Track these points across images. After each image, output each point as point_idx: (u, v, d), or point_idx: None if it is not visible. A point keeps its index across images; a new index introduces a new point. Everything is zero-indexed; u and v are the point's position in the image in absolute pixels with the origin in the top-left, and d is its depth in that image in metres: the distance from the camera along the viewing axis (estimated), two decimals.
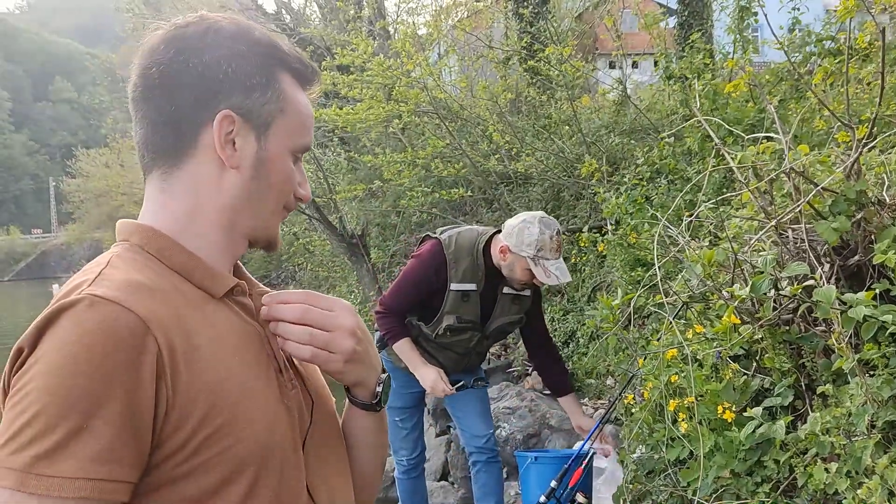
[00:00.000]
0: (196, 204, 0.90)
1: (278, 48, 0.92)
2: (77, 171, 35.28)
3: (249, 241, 0.96)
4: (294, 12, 12.00)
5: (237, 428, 0.81)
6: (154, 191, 0.91)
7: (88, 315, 0.74)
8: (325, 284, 11.18)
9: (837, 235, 2.19)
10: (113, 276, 0.80)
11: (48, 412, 0.71)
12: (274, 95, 0.90)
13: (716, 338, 2.47)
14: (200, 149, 0.89)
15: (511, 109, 8.00)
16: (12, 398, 0.74)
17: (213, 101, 0.87)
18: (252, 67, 0.89)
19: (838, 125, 2.56)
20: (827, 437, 2.04)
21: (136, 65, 0.89)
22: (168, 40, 0.88)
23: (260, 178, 0.91)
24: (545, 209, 6.90)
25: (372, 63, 6.60)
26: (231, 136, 0.88)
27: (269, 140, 0.91)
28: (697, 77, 4.34)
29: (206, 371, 0.81)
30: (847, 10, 2.66)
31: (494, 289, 2.91)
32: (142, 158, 0.92)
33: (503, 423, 4.51)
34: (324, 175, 8.39)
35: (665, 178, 4.65)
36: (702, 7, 8.23)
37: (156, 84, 0.87)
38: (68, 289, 0.80)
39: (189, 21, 0.89)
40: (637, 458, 3.02)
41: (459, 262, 2.82)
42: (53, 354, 0.73)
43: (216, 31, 0.88)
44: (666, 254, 3.09)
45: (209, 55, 0.87)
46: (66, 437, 0.70)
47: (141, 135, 0.90)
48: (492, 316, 2.95)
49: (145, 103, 0.89)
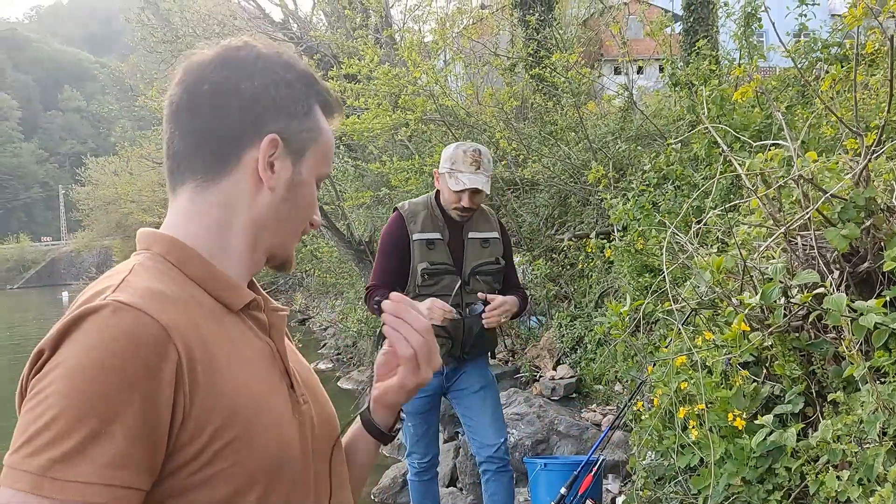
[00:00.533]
0: (227, 219, 0.92)
1: (316, 80, 0.97)
2: (86, 179, 35.44)
3: (267, 258, 0.98)
4: (301, 21, 12.06)
5: (251, 441, 0.82)
6: (184, 202, 0.92)
7: (112, 320, 0.75)
8: (333, 291, 11.20)
9: (847, 242, 2.19)
10: (136, 284, 0.81)
11: (67, 416, 0.71)
12: (311, 125, 0.95)
13: (725, 345, 2.47)
14: (241, 167, 0.91)
15: (517, 116, 8.01)
16: (30, 400, 0.74)
17: (261, 123, 0.90)
18: (296, 96, 0.93)
19: (846, 132, 2.56)
20: (838, 445, 2.04)
21: (183, 79, 0.91)
22: (220, 60, 0.91)
23: (290, 201, 0.94)
24: (552, 215, 6.90)
25: (378, 72, 6.62)
26: (272, 158, 0.91)
27: (303, 166, 0.95)
28: (704, 83, 4.35)
29: (223, 383, 0.81)
30: (855, 18, 2.66)
31: (460, 235, 3.05)
32: (175, 168, 0.93)
33: (512, 430, 4.51)
34: (331, 182, 8.42)
35: (672, 184, 4.66)
36: (707, 13, 8.24)
37: (206, 100, 0.89)
38: (91, 293, 0.80)
39: (239, 45, 0.93)
40: (647, 465, 3.01)
41: (416, 216, 3.02)
42: (75, 358, 0.73)
43: (266, 59, 0.92)
44: (674, 260, 3.10)
45: (259, 80, 0.90)
46: (83, 442, 0.70)
47: (178, 147, 0.91)
48: (464, 260, 3.03)
49: (191, 117, 0.90)
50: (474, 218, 3.06)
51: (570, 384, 5.24)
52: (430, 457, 3.24)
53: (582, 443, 4.41)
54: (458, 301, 2.98)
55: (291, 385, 0.94)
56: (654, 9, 12.35)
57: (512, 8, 9.59)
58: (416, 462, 3.23)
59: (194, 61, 0.92)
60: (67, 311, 0.80)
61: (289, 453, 0.87)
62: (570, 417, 4.71)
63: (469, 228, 3.04)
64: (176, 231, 0.91)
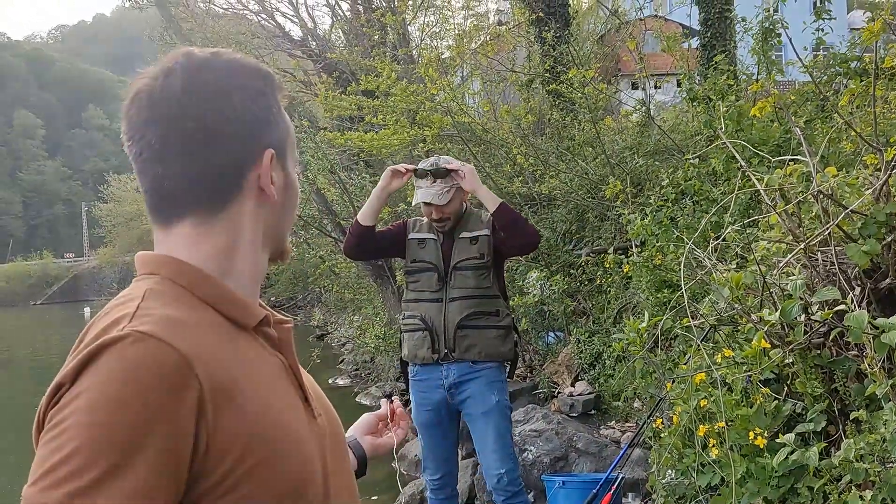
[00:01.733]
0: (234, 241, 0.90)
1: (269, 71, 0.94)
2: (108, 196, 36.00)
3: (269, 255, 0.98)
4: (319, 39, 12.21)
5: (275, 463, 0.81)
6: (185, 231, 0.89)
7: (132, 352, 0.74)
8: (351, 307, 11.23)
9: (868, 258, 2.17)
10: (152, 311, 0.79)
11: (87, 448, 0.69)
12: (282, 122, 0.94)
13: (745, 362, 2.45)
14: (243, 190, 0.89)
15: (534, 132, 8.03)
16: (49, 432, 0.72)
17: (254, 143, 0.89)
18: (269, 101, 0.91)
19: (866, 147, 2.54)
20: (861, 464, 2.01)
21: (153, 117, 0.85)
22: (190, 88, 0.85)
23: (287, 203, 0.95)
24: (570, 230, 6.89)
25: (395, 89, 6.68)
26: (272, 171, 0.91)
27: (288, 165, 0.94)
28: (721, 98, 4.34)
29: (246, 406, 0.80)
30: (873, 33, 2.65)
31: (452, 237, 3.19)
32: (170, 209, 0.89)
33: (530, 447, 4.48)
34: (349, 198, 8.47)
35: (690, 199, 4.63)
36: (725, 28, 8.21)
37: (195, 136, 0.85)
38: (107, 323, 0.79)
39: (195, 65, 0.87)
40: (667, 484, 2.98)
41: (418, 223, 3.29)
42: (95, 390, 0.72)
43: (230, 71, 0.89)
44: (692, 276, 3.08)
45: (238, 99, 0.88)
46: (103, 475, 0.69)
47: (171, 187, 0.87)
48: (450, 258, 3.16)
49: (182, 158, 0.86)
50: (466, 219, 3.21)
51: (589, 401, 5.20)
52: (440, 474, 3.18)
53: (601, 460, 4.37)
54: (441, 296, 3.12)
55: (306, 399, 0.93)
56: (671, 24, 12.36)
57: (528, 24, 9.64)
58: (429, 478, 3.22)
59: (157, 94, 0.86)
60: (83, 342, 0.79)
61: (311, 471, 0.87)
62: (588, 434, 4.67)
63: (461, 229, 3.19)
64: (182, 255, 0.88)
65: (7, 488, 6.41)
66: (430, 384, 3.13)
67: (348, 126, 8.90)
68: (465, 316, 3.07)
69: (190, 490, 0.76)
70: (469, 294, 3.09)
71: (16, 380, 14.77)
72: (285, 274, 16.36)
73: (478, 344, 3.08)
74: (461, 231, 3.19)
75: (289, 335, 0.95)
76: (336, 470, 0.94)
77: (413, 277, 3.20)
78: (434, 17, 11.63)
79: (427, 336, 3.09)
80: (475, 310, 3.09)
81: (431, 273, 3.15)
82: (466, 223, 3.19)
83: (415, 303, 3.18)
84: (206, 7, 13.05)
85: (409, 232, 3.27)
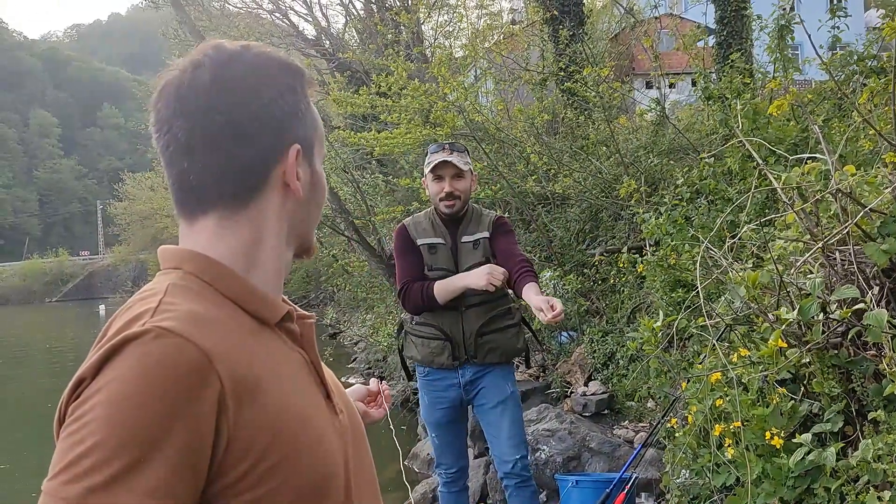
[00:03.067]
0: (258, 235, 0.89)
1: (300, 66, 0.94)
2: (123, 194, 36.26)
3: (294, 252, 0.97)
4: (333, 38, 12.24)
5: (298, 459, 0.81)
6: (209, 225, 0.88)
7: (153, 347, 0.74)
8: (364, 306, 11.25)
9: (887, 257, 2.14)
10: (174, 307, 0.79)
11: (107, 443, 0.69)
12: (311, 118, 0.93)
13: (762, 361, 2.43)
14: (269, 185, 0.89)
15: (548, 131, 8.01)
16: (69, 426, 0.73)
17: (282, 138, 0.89)
18: (297, 96, 0.91)
19: (885, 145, 2.51)
20: (879, 465, 1.99)
21: (182, 110, 0.85)
22: (219, 82, 0.85)
23: (313, 199, 0.94)
24: (583, 230, 6.87)
25: (409, 88, 6.68)
26: (298, 167, 0.90)
27: (315, 161, 0.94)
28: (737, 97, 4.31)
29: (268, 403, 0.80)
30: (893, 30, 2.62)
31: (456, 240, 3.14)
32: (194, 201, 0.88)
33: (542, 446, 4.47)
34: (362, 197, 8.49)
35: (705, 198, 4.61)
36: (741, 26, 8.16)
37: (223, 130, 0.85)
38: (129, 318, 0.79)
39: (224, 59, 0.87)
40: (681, 484, 2.96)
41: (418, 224, 3.20)
42: (116, 385, 0.72)
43: (260, 67, 0.88)
44: (708, 275, 3.06)
45: (267, 94, 0.87)
46: (123, 470, 0.69)
47: (197, 182, 0.87)
48: (459, 263, 3.11)
49: (209, 152, 0.85)
50: (465, 221, 3.15)
51: (602, 400, 5.18)
52: (457, 468, 3.24)
53: (614, 460, 4.36)
54: (457, 304, 3.05)
55: (328, 395, 0.93)
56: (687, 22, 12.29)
57: (542, 23, 9.62)
58: (444, 472, 3.24)
59: (186, 87, 0.85)
60: (105, 336, 0.79)
61: (333, 467, 0.87)
62: (601, 434, 4.66)
63: (462, 233, 3.14)
64: (205, 250, 0.88)
65: (23, 482, 6.48)
66: (445, 384, 3.16)
67: (361, 125, 8.92)
68: (484, 323, 3.09)
69: (211, 486, 0.76)
70: (484, 300, 3.08)
71: (31, 377, 14.91)
72: (298, 273, 16.43)
73: (499, 347, 3.13)
74: (463, 234, 3.15)
75: (311, 331, 0.95)
76: (358, 465, 0.94)
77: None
78: (448, 15, 11.64)
79: (447, 345, 3.09)
80: (492, 314, 3.11)
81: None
82: (468, 224, 3.16)
83: (436, 314, 3.10)
84: (221, 6, 13.12)
85: (414, 237, 3.17)
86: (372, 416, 1.34)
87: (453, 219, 3.14)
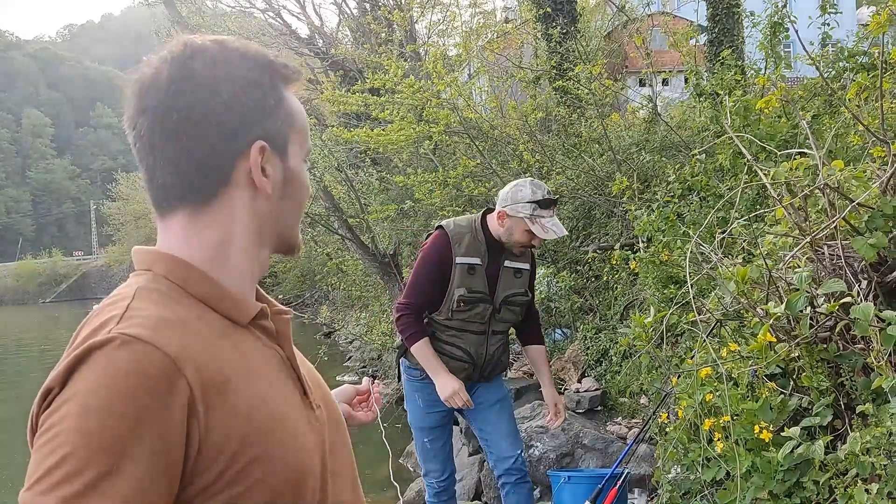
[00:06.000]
0: (227, 234, 0.88)
1: (273, 61, 0.91)
2: (117, 194, 36.21)
3: (273, 250, 0.96)
4: (327, 37, 12.23)
5: (272, 457, 0.81)
6: (178, 224, 0.88)
7: (119, 355, 0.74)
8: (358, 304, 11.26)
9: (875, 252, 2.16)
10: (141, 312, 0.79)
11: (78, 453, 0.70)
12: (285, 112, 0.90)
13: (751, 356, 2.44)
14: (233, 183, 0.87)
15: (541, 128, 8.02)
16: (41, 437, 0.73)
17: (244, 134, 0.86)
18: (265, 91, 0.88)
19: (873, 140, 2.53)
20: (867, 458, 2.00)
21: (143, 106, 0.85)
22: (178, 78, 0.84)
23: (287, 197, 0.92)
24: (577, 227, 6.88)
25: (402, 85, 6.69)
26: (262, 163, 0.88)
27: (290, 158, 0.91)
28: (728, 94, 4.32)
29: (239, 404, 0.80)
30: (880, 25, 2.63)
31: (497, 263, 3.01)
32: (163, 200, 0.88)
33: (536, 443, 4.48)
34: (356, 195, 8.49)
35: (697, 195, 4.62)
36: (732, 24, 8.19)
37: (181, 129, 0.84)
38: (96, 325, 0.79)
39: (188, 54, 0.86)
40: (673, 479, 2.98)
41: (462, 238, 2.97)
42: (84, 395, 0.72)
43: (224, 62, 0.86)
44: (698, 271, 3.07)
45: (227, 90, 0.85)
46: (96, 479, 0.70)
47: (162, 179, 0.86)
48: (497, 289, 3.02)
49: (169, 148, 0.85)
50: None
51: (595, 397, 5.20)
52: (447, 474, 3.21)
53: (607, 456, 4.37)
54: (485, 328, 3.03)
55: (304, 391, 0.92)
56: (679, 20, 12.32)
57: (535, 21, 9.63)
58: (435, 481, 3.19)
59: (147, 83, 0.85)
60: (74, 343, 0.79)
61: (309, 463, 0.87)
62: (594, 430, 4.67)
63: (507, 257, 3.01)
64: (175, 250, 0.88)
65: (14, 486, 6.47)
66: None
67: (355, 123, 8.91)
68: (496, 348, 3.11)
69: (186, 489, 0.76)
70: (507, 328, 3.12)
71: (24, 378, 14.86)
72: (293, 272, 16.40)
73: (501, 364, 3.20)
74: (507, 258, 3.01)
75: (287, 327, 0.94)
76: (336, 459, 0.94)
77: (466, 307, 2.96)
78: (441, 14, 11.63)
79: (470, 367, 3.05)
80: (506, 339, 3.17)
81: (486, 305, 2.99)
82: (511, 250, 3.01)
83: (459, 332, 3.00)
84: (214, 5, 13.10)
85: (454, 253, 2.95)
86: (359, 419, 1.29)
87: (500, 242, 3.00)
